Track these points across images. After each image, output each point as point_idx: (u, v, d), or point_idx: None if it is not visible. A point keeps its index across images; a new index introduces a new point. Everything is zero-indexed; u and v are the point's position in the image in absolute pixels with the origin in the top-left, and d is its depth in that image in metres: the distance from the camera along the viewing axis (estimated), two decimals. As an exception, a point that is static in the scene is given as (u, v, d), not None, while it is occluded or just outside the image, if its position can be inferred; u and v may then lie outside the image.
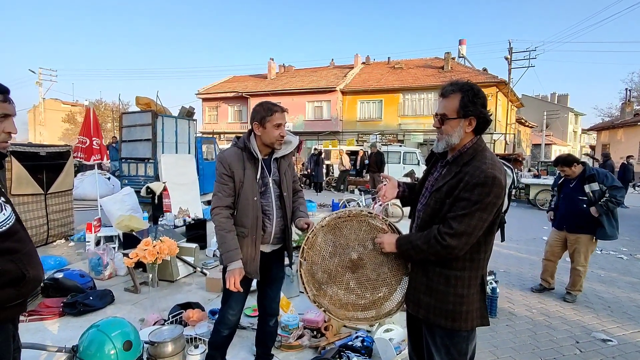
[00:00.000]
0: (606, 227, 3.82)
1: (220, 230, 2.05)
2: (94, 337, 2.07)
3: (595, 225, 3.86)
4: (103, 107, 36.13)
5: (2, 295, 1.26)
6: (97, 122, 6.38)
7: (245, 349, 2.84)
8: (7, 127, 1.28)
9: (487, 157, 1.56)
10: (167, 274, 4.25)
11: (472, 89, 1.56)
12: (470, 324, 1.59)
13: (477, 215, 1.48)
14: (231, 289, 1.99)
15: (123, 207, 5.57)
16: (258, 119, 2.07)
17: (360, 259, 1.80)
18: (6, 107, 1.27)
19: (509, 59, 24.30)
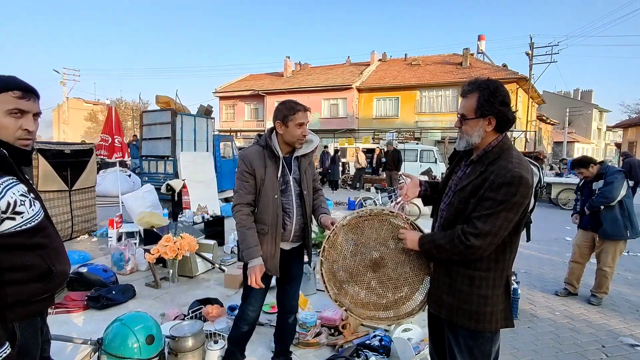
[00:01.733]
0: (605, 225, 3.75)
1: (241, 228, 2.07)
2: (118, 331, 2.13)
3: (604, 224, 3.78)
4: (123, 106, 36.97)
5: (29, 289, 1.30)
6: (118, 121, 6.52)
7: (264, 345, 2.87)
8: (25, 124, 1.28)
9: (514, 155, 1.52)
10: (187, 269, 4.32)
11: (488, 88, 1.53)
12: (494, 325, 1.56)
13: (503, 215, 1.44)
14: (252, 285, 2.00)
15: (144, 203, 5.70)
16: (280, 117, 2.08)
17: (381, 258, 1.79)
18: (22, 103, 1.26)
19: (530, 55, 23.68)
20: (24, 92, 1.26)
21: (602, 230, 3.79)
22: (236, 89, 29.01)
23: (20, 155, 1.31)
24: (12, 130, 1.25)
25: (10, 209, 1.21)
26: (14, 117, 1.25)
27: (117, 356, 2.08)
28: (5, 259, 1.21)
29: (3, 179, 1.21)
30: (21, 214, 1.25)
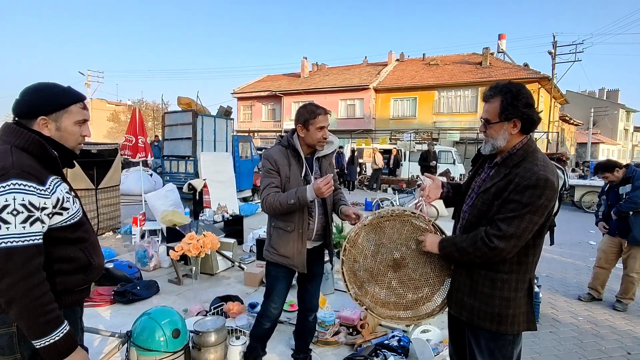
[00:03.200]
0: (635, 230, 3.64)
1: (276, 201, 2.03)
2: (146, 324, 2.21)
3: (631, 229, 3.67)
4: (144, 107, 37.89)
5: (72, 280, 1.40)
6: (142, 122, 6.72)
7: (283, 342, 2.92)
8: (84, 130, 1.43)
9: (539, 158, 1.52)
10: (208, 267, 4.43)
11: (510, 91, 1.53)
12: (516, 327, 1.56)
13: (527, 218, 1.44)
14: (324, 189, 1.92)
15: (166, 202, 5.85)
16: (302, 121, 2.13)
17: (402, 259, 1.81)
18: (85, 113, 1.42)
19: (552, 53, 23.08)
20: (84, 102, 1.41)
21: (632, 237, 3.68)
22: (254, 89, 29.32)
23: (68, 158, 1.42)
24: (77, 137, 1.41)
25: (59, 205, 1.31)
26: (79, 126, 1.40)
27: (145, 348, 2.16)
28: (54, 251, 1.31)
29: (52, 177, 1.31)
30: (67, 210, 1.35)
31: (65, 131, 1.37)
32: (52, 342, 1.23)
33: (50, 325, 1.23)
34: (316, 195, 1.97)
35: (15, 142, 1.27)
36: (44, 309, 1.22)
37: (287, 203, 2.00)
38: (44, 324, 1.22)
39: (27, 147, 1.27)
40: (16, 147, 1.26)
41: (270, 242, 2.22)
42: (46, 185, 1.26)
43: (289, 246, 2.14)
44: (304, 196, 1.97)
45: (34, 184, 1.22)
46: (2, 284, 1.16)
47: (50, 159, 1.31)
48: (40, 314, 1.21)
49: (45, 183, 1.26)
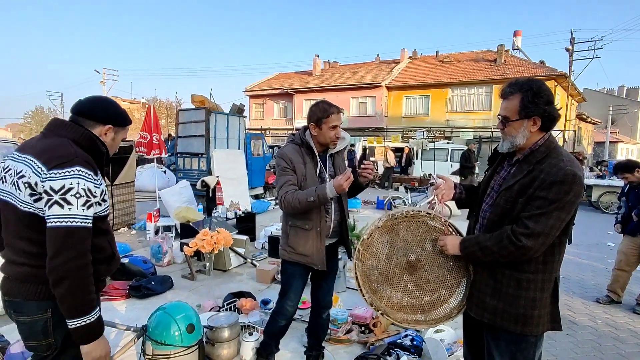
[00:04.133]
0: None
1: (294, 200, 2.02)
2: (161, 319, 2.23)
3: None
4: (158, 105, 38.32)
5: (100, 269, 1.45)
6: (157, 119, 6.80)
7: (296, 339, 2.93)
8: (118, 142, 1.63)
9: (563, 154, 1.49)
10: (221, 263, 4.46)
11: (531, 88, 1.49)
12: (541, 328, 1.52)
13: (555, 215, 1.41)
14: (345, 184, 1.91)
15: (180, 199, 5.92)
16: (314, 120, 2.12)
17: (418, 261, 1.77)
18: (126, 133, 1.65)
19: (570, 50, 22.55)
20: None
21: None
22: (265, 87, 29.42)
23: (107, 161, 1.60)
24: (116, 149, 1.64)
25: (102, 196, 1.43)
26: (121, 141, 1.64)
27: (160, 343, 2.19)
28: (92, 238, 1.39)
29: (98, 174, 1.45)
30: (105, 202, 1.47)
31: (115, 142, 1.58)
32: (88, 322, 1.30)
33: (89, 306, 1.31)
34: (336, 191, 1.96)
35: (70, 135, 1.40)
36: (87, 289, 1.31)
37: (306, 201, 1.99)
38: (85, 304, 1.30)
39: (81, 141, 1.41)
40: (71, 140, 1.39)
41: (287, 241, 2.21)
42: (98, 176, 1.40)
43: (307, 245, 2.13)
44: (324, 193, 1.96)
45: (92, 173, 1.36)
46: (59, 260, 1.25)
47: (100, 154, 1.47)
48: (85, 294, 1.29)
49: (97, 174, 1.40)
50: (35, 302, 1.33)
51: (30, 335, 1.36)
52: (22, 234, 1.34)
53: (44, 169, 1.28)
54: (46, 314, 1.33)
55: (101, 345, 1.37)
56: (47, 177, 1.27)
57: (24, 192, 1.30)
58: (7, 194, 1.35)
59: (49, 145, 1.35)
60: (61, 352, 1.38)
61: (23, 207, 1.31)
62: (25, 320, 1.35)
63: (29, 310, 1.34)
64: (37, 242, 1.31)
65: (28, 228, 1.32)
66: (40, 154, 1.32)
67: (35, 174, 1.29)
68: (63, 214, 1.26)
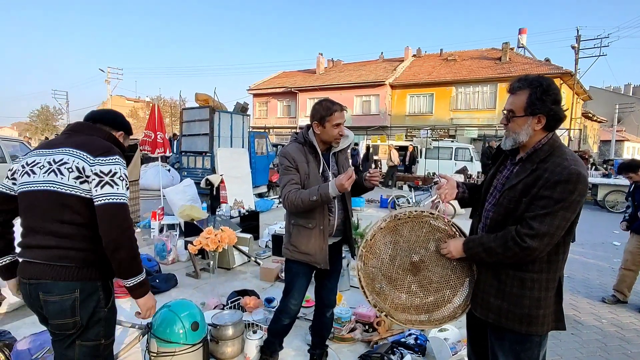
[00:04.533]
0: None
1: (297, 199, 2.02)
2: (166, 316, 2.25)
3: None
4: (162, 104, 38.46)
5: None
6: (161, 118, 6.83)
7: (299, 337, 2.93)
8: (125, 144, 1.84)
9: (567, 152, 1.47)
10: (225, 261, 4.48)
11: (541, 85, 1.47)
12: (546, 328, 1.51)
13: (560, 215, 1.39)
14: (347, 184, 1.91)
15: (184, 197, 5.94)
16: (317, 118, 2.11)
17: (421, 262, 1.76)
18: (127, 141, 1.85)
19: (576, 48, 22.37)
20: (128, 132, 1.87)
21: None
22: (269, 86, 29.44)
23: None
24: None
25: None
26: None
27: (165, 340, 2.20)
28: None
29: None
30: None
31: (125, 145, 1.81)
32: (141, 280, 1.57)
33: (140, 267, 1.57)
34: (338, 190, 1.95)
35: (99, 135, 1.64)
36: (137, 253, 1.56)
37: (309, 200, 1.99)
38: (137, 265, 1.56)
39: (111, 140, 1.67)
40: (102, 139, 1.62)
41: (290, 240, 2.21)
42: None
43: (310, 243, 2.13)
44: (326, 192, 1.96)
45: (124, 162, 1.59)
46: (116, 230, 1.47)
47: (123, 150, 1.70)
48: (137, 257, 1.55)
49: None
50: (64, 282, 1.46)
51: (58, 314, 1.47)
52: (55, 217, 1.47)
53: (90, 157, 1.50)
54: (74, 294, 1.47)
55: (151, 297, 1.65)
56: (96, 163, 1.49)
57: (68, 176, 1.47)
58: (42, 184, 1.48)
59: (84, 140, 1.57)
60: (85, 330, 1.51)
61: (66, 189, 1.47)
62: (55, 300, 1.46)
63: (59, 290, 1.45)
64: (71, 223, 1.47)
65: (67, 210, 1.47)
66: (80, 146, 1.53)
67: (82, 160, 1.49)
68: (114, 192, 1.48)
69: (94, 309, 1.51)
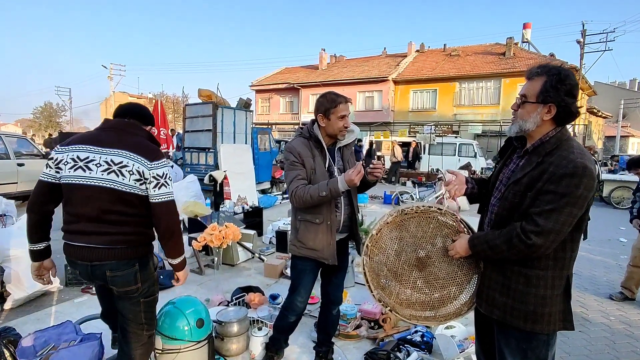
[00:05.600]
0: None
1: (305, 195, 1.99)
2: (171, 313, 2.23)
3: None
4: (165, 100, 38.48)
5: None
6: (164, 114, 6.82)
7: (304, 334, 2.92)
8: None
9: (574, 146, 1.43)
10: (229, 258, 4.47)
11: (558, 74, 1.43)
12: (552, 327, 1.48)
13: (567, 211, 1.36)
14: (356, 179, 1.89)
15: (188, 193, 5.91)
16: (322, 110, 2.08)
17: (428, 257, 1.73)
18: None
19: (581, 43, 22.14)
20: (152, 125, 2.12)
21: None
22: (271, 82, 29.35)
23: None
24: None
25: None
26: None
27: (170, 337, 2.19)
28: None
29: None
30: None
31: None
32: (183, 257, 1.97)
33: (183, 248, 1.98)
34: (348, 185, 1.93)
35: (144, 135, 1.87)
36: (182, 239, 1.94)
37: (318, 195, 1.96)
38: (183, 247, 1.97)
39: (150, 139, 1.88)
40: (147, 139, 1.86)
41: (297, 236, 2.18)
42: None
43: (317, 239, 2.11)
44: (336, 187, 1.93)
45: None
46: (172, 221, 1.82)
47: (158, 145, 1.93)
48: (182, 242, 1.94)
49: None
50: (125, 260, 1.77)
51: (124, 284, 1.79)
52: (114, 209, 1.72)
53: (147, 162, 1.74)
54: (135, 267, 1.80)
55: (187, 269, 2.08)
56: (152, 167, 1.75)
57: (129, 177, 1.71)
58: (102, 180, 1.70)
59: (138, 142, 1.79)
60: (145, 290, 1.88)
61: (127, 189, 1.72)
62: (121, 275, 1.77)
63: (124, 267, 1.77)
64: (127, 214, 1.75)
65: (125, 204, 1.73)
66: (136, 150, 1.74)
67: (141, 165, 1.73)
68: (168, 191, 1.80)
69: (149, 275, 1.89)
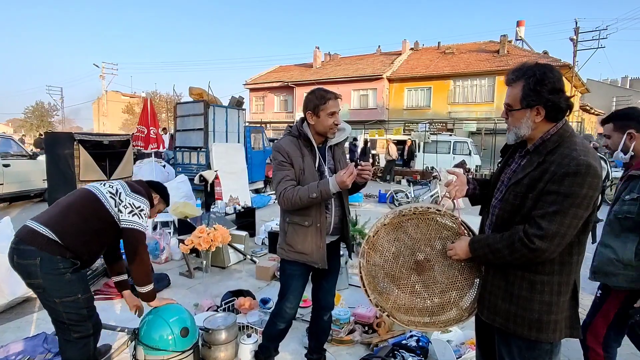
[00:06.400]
0: None
1: (295, 197, 1.89)
2: (154, 322, 2.12)
3: None
4: (158, 99, 38.13)
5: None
6: (154, 112, 6.67)
7: (296, 340, 2.81)
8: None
9: (577, 142, 1.35)
10: (219, 260, 4.35)
11: (534, 75, 1.35)
12: (558, 335, 1.40)
13: (572, 212, 1.27)
14: (348, 180, 1.81)
15: (178, 194, 5.79)
16: (311, 107, 1.98)
17: (427, 260, 1.65)
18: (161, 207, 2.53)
19: (574, 40, 22.24)
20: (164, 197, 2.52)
21: None
22: (266, 80, 29.16)
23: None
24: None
25: None
26: None
27: (153, 347, 2.08)
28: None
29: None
30: None
31: None
32: (151, 288, 2.12)
33: (149, 278, 2.14)
34: (339, 187, 1.84)
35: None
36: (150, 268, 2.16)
37: (308, 197, 1.86)
38: (149, 276, 2.14)
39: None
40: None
41: (286, 239, 2.08)
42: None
43: (307, 242, 2.01)
44: (326, 189, 1.84)
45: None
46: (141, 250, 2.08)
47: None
48: (149, 271, 2.17)
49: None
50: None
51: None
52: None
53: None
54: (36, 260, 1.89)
55: (157, 300, 2.20)
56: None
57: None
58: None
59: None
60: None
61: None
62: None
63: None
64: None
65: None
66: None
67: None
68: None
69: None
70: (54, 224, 1.90)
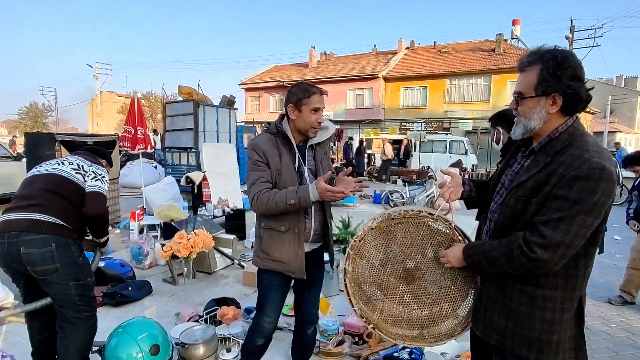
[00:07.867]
0: None
1: (270, 202, 1.74)
2: (120, 339, 1.95)
3: None
4: (153, 99, 37.80)
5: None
6: (141, 112, 6.46)
7: (281, 352, 2.64)
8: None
9: (590, 142, 1.19)
10: (205, 265, 4.17)
11: (555, 58, 1.18)
12: (561, 357, 1.24)
13: (579, 220, 1.12)
14: (338, 196, 1.68)
15: (165, 196, 5.61)
16: (293, 101, 1.82)
17: (417, 269, 1.50)
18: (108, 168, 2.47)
19: (570, 39, 22.18)
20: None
21: None
22: (261, 80, 28.94)
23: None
24: None
25: None
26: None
27: (120, 366, 1.91)
28: None
29: None
30: None
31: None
32: (107, 238, 2.33)
33: (107, 230, 2.32)
34: (320, 197, 1.68)
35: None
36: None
37: (285, 203, 1.70)
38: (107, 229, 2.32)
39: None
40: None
41: (261, 246, 1.90)
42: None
43: (283, 249, 1.83)
44: (306, 197, 1.68)
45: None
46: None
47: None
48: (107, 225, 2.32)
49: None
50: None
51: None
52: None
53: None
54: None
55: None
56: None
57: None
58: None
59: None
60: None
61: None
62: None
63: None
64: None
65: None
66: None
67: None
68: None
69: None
70: (50, 210, 1.97)
